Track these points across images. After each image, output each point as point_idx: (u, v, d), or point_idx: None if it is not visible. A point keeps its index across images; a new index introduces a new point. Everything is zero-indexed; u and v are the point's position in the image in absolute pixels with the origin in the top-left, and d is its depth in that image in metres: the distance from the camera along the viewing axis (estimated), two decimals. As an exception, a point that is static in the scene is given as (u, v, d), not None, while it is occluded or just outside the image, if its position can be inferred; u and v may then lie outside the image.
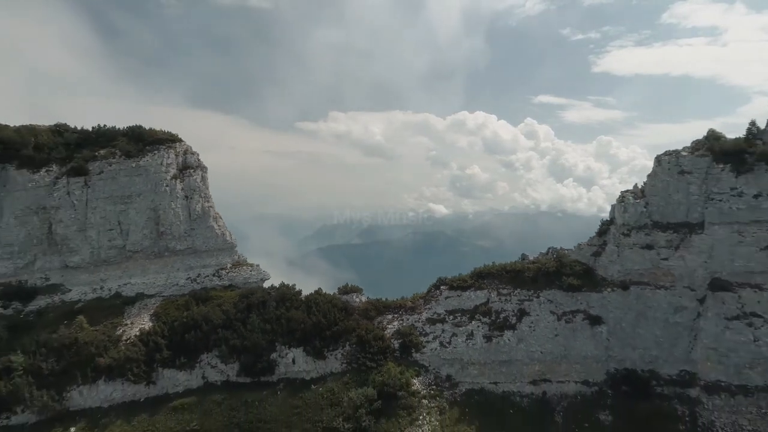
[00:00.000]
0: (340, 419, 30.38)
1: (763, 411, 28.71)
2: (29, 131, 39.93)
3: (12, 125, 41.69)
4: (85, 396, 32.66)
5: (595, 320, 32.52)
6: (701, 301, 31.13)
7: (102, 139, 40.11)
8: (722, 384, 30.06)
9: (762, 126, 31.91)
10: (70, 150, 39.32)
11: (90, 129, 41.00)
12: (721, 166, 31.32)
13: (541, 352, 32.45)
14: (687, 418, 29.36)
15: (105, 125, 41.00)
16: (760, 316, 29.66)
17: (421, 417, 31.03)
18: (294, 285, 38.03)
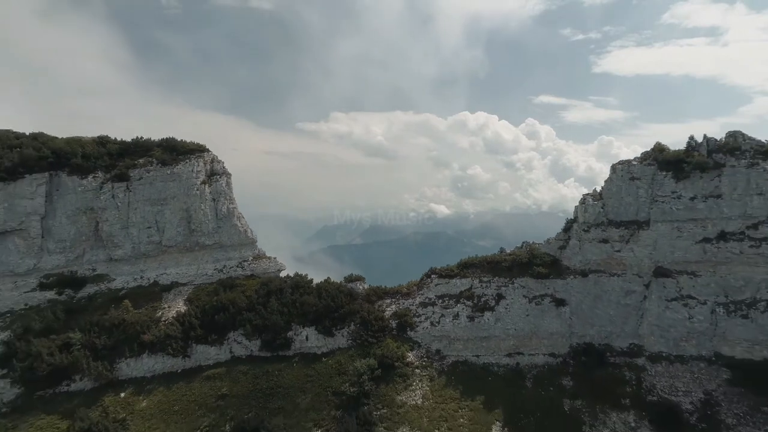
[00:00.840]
0: (347, 384, 36.18)
1: (695, 376, 34.52)
2: (76, 142, 45.78)
3: (60, 137, 47.87)
4: (132, 367, 38.48)
5: (560, 302, 38.29)
6: (647, 285, 37.02)
7: (140, 149, 45.95)
8: (663, 354, 35.94)
9: (699, 140, 37.87)
10: (112, 159, 45.10)
11: (129, 140, 46.65)
12: (664, 173, 37.24)
13: (515, 330, 38.21)
14: (634, 382, 35.08)
15: (141, 137, 46.73)
16: (694, 298, 35.52)
17: (414, 383, 36.86)
18: (306, 275, 44.06)
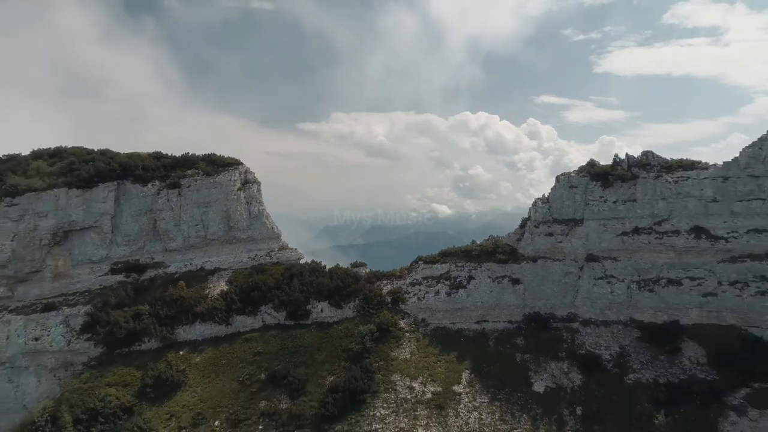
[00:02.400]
0: (353, 344, 45.35)
1: (614, 335, 44.64)
2: (137, 157, 56.04)
3: (122, 152, 58.46)
4: (187, 332, 48.30)
5: (515, 281, 48.06)
6: (581, 268, 47.03)
7: (188, 162, 56.15)
8: (592, 320, 46.07)
9: (622, 157, 48.42)
10: (166, 170, 55.20)
11: (179, 155, 56.80)
12: (595, 183, 47.50)
13: (482, 303, 47.83)
14: (569, 341, 45.01)
15: (189, 153, 57.07)
16: (615, 277, 45.80)
17: (404, 343, 46.71)
18: (321, 261, 54.72)
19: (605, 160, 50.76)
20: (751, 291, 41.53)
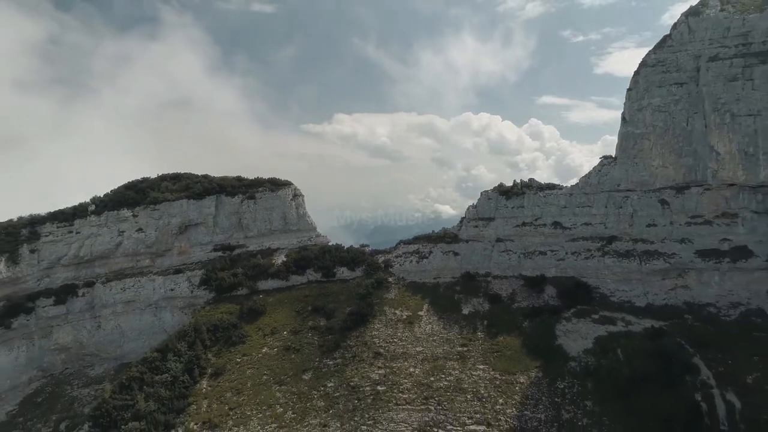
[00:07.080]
0: (361, 290, 72.73)
1: (510, 283, 72.77)
2: (226, 179, 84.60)
3: (216, 176, 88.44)
4: (264, 285, 76.39)
5: (456, 254, 75.31)
6: (493, 246, 75.98)
7: (258, 183, 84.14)
8: (499, 275, 74.65)
9: (518, 181, 78.20)
10: (246, 187, 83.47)
11: (252, 178, 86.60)
12: (501, 196, 75.99)
13: (437, 267, 75.27)
14: (484, 287, 72.49)
15: (259, 176, 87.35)
16: (511, 251, 74.69)
17: (391, 290, 74.44)
18: (341, 244, 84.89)
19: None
20: (582, 257, 70.37)
